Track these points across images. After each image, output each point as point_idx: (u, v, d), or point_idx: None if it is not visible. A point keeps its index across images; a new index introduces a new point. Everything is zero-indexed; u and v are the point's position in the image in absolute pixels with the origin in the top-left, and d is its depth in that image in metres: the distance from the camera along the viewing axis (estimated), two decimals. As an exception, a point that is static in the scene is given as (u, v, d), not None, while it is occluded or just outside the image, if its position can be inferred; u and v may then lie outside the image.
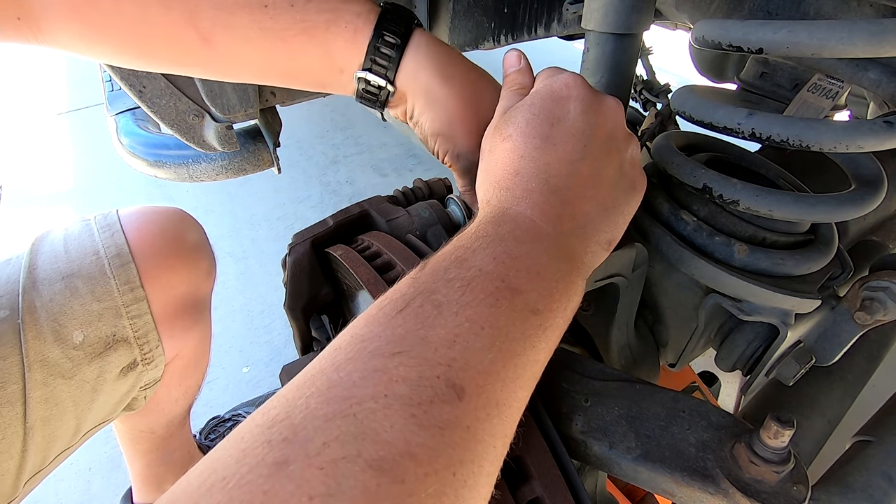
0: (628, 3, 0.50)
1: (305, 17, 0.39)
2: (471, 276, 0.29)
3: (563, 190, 0.35)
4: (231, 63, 0.42)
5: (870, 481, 0.47)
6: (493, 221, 0.33)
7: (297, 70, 0.42)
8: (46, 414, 0.56)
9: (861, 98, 0.74)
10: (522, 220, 0.33)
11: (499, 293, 0.29)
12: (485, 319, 0.28)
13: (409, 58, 0.41)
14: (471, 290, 0.28)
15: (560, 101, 0.37)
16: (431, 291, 0.28)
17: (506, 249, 0.31)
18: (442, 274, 0.29)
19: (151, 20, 0.38)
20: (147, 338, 0.63)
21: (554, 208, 0.34)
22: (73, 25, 0.38)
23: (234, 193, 2.03)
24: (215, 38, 0.39)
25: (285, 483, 0.20)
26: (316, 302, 0.55)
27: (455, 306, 0.28)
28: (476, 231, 0.32)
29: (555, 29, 0.97)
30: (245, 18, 0.38)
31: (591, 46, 0.55)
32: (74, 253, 0.60)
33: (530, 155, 0.35)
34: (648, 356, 0.61)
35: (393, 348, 0.25)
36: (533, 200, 0.34)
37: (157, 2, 0.37)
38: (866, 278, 0.54)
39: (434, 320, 0.27)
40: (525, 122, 0.36)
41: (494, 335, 0.27)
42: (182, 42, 0.39)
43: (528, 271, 0.31)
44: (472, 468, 0.24)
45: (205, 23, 0.38)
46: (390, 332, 0.26)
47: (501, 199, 0.35)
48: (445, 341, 0.26)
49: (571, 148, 0.36)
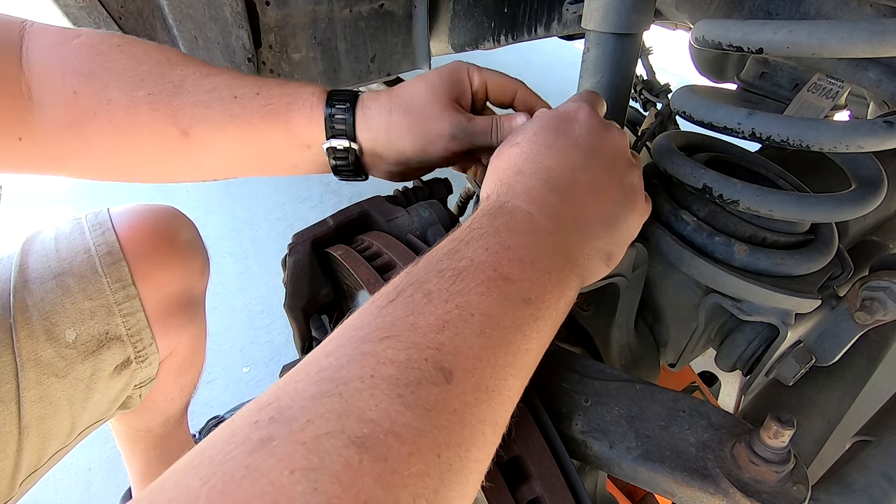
0: (628, 3, 0.50)
1: (269, 101, 0.44)
2: (462, 266, 0.29)
3: (564, 192, 0.35)
4: (207, 153, 0.45)
5: (870, 481, 0.47)
6: (489, 214, 0.33)
7: (267, 151, 0.46)
8: (41, 413, 0.56)
9: (861, 98, 0.74)
10: (519, 212, 0.33)
11: (490, 282, 0.29)
12: (475, 307, 0.28)
13: (359, 114, 0.46)
14: (461, 279, 0.29)
15: (567, 119, 0.39)
16: (423, 282, 0.29)
17: (499, 240, 0.31)
18: (434, 265, 0.30)
19: (139, 121, 0.43)
20: (140, 336, 0.63)
21: (552, 206, 0.35)
22: (71, 141, 0.43)
23: (234, 193, 2.03)
24: (193, 131, 0.43)
25: (267, 457, 0.20)
26: (316, 302, 0.55)
27: (445, 294, 0.28)
28: (471, 224, 0.33)
29: (555, 29, 0.97)
30: (218, 109, 0.43)
31: (591, 46, 0.55)
32: (65, 252, 0.60)
33: (533, 158, 0.37)
34: (648, 356, 0.61)
35: (382, 333, 0.26)
36: (531, 196, 0.34)
37: (145, 105, 0.42)
38: (866, 278, 0.54)
39: (424, 307, 0.27)
40: (533, 133, 0.39)
41: (484, 322, 0.27)
42: (164, 137, 0.43)
43: (521, 261, 0.31)
44: (459, 452, 0.24)
45: (184, 118, 0.43)
46: (380, 319, 0.27)
47: (500, 194, 0.35)
48: (434, 326, 0.26)
49: (574, 157, 0.37)
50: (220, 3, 0.75)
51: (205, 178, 0.49)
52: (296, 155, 0.47)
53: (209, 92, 0.44)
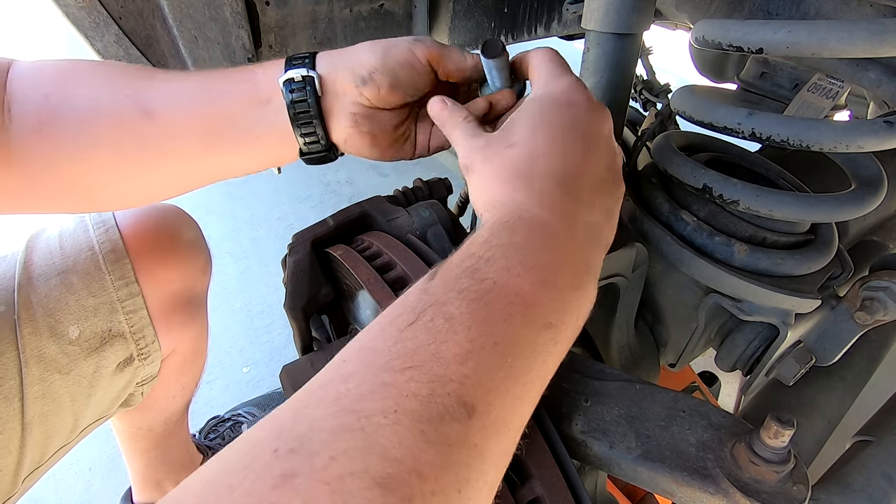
0: (628, 3, 0.50)
1: (233, 69, 0.45)
2: (484, 288, 0.28)
3: (576, 192, 0.35)
4: (169, 131, 0.44)
5: (870, 481, 0.47)
6: (507, 227, 0.32)
7: (227, 116, 0.44)
8: (44, 410, 0.56)
9: (861, 98, 0.74)
10: (538, 225, 0.32)
11: (512, 307, 0.28)
12: (498, 334, 0.27)
13: (320, 54, 0.45)
14: (484, 304, 0.28)
15: (563, 106, 0.37)
16: (443, 303, 0.28)
17: (521, 259, 0.30)
18: (453, 283, 0.29)
19: (100, 106, 0.42)
20: (143, 333, 0.63)
21: (568, 210, 0.34)
22: (41, 146, 0.42)
23: (234, 193, 2.03)
24: (155, 111, 0.43)
25: (292, 496, 0.20)
26: (316, 302, 0.55)
27: (468, 319, 0.27)
28: (489, 238, 0.31)
29: (555, 29, 0.97)
30: (181, 83, 0.44)
31: (591, 46, 0.55)
32: (69, 249, 0.60)
33: (541, 159, 0.35)
34: (648, 356, 0.61)
35: (404, 363, 0.25)
36: (548, 203, 0.33)
37: (106, 92, 0.43)
38: (866, 278, 0.54)
39: (446, 335, 0.26)
40: (531, 130, 0.36)
41: (506, 351, 0.27)
42: (127, 119, 0.43)
43: (543, 283, 0.30)
44: (478, 485, 0.24)
45: (145, 98, 0.43)
46: (400, 346, 0.26)
47: (517, 201, 0.34)
48: (458, 357, 0.25)
49: (581, 150, 0.36)
50: (220, 3, 0.75)
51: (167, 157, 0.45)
52: (256, 115, 0.44)
53: (170, 72, 0.44)
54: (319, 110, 0.44)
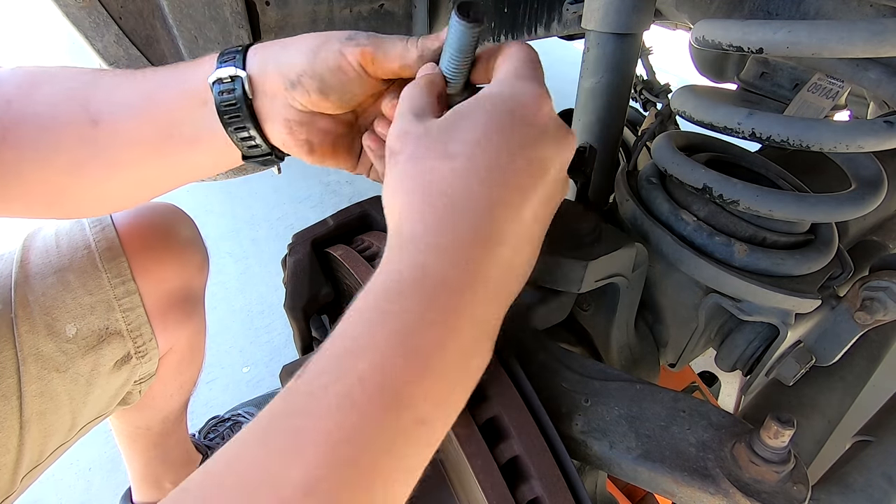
0: (628, 3, 0.50)
1: (175, 68, 0.43)
2: (345, 389, 0.25)
3: (499, 237, 0.29)
4: (117, 140, 0.42)
5: (870, 481, 0.47)
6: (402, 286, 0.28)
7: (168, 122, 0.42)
8: (42, 408, 0.56)
9: (861, 98, 0.74)
10: (442, 290, 0.28)
11: (383, 408, 0.24)
12: (358, 450, 0.24)
13: (251, 48, 0.40)
14: (342, 409, 0.24)
15: (523, 124, 0.31)
16: (291, 413, 0.25)
17: (403, 342, 0.26)
18: (316, 378, 0.25)
19: (58, 113, 0.42)
20: (140, 331, 0.63)
21: (485, 266, 0.29)
22: (5, 153, 0.42)
23: (234, 193, 2.03)
24: (101, 119, 0.42)
25: None
26: (316, 302, 0.55)
27: (320, 434, 0.23)
28: (375, 302, 0.28)
29: (555, 29, 0.97)
30: (126, 89, 0.42)
31: (591, 46, 0.55)
32: (66, 247, 0.60)
33: (480, 189, 0.29)
34: (648, 356, 0.61)
35: (246, 486, 0.23)
36: (464, 255, 0.28)
37: (63, 98, 0.42)
38: (866, 278, 0.54)
39: (292, 455, 0.23)
40: (475, 144, 0.30)
41: (361, 475, 0.23)
42: (80, 127, 0.42)
43: (426, 372, 0.26)
44: None
45: (94, 105, 0.42)
46: (246, 461, 0.24)
47: (427, 245, 0.29)
48: (301, 488, 0.22)
49: (527, 188, 0.30)
50: (220, 3, 0.75)
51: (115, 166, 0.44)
52: (198, 118, 0.41)
53: (119, 76, 0.43)
54: (251, 112, 0.40)
